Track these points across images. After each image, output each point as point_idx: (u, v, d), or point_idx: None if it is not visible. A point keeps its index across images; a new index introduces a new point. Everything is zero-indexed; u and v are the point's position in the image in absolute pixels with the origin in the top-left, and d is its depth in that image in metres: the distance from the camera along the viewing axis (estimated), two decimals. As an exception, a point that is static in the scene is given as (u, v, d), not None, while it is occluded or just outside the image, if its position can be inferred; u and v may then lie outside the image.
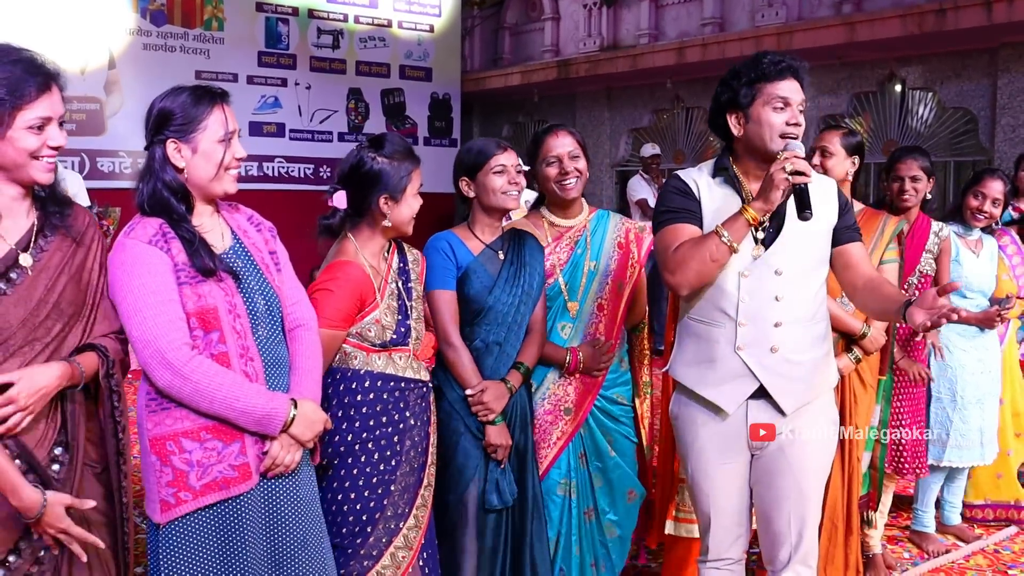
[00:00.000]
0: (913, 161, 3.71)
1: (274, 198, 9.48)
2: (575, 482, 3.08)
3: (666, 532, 3.34)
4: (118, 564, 2.10)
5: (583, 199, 3.14)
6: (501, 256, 2.91)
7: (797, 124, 2.42)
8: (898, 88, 8.63)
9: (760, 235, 2.44)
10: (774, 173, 2.31)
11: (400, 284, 2.63)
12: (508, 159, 2.90)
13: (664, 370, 2.82)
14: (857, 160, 3.43)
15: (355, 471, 2.50)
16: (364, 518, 2.49)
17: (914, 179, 3.71)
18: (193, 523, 2.09)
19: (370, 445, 2.51)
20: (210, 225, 2.21)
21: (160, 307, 2.05)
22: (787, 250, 2.46)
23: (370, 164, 2.52)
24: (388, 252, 2.65)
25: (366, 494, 2.50)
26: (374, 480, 2.51)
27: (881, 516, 3.90)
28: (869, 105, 8.84)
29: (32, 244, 2.00)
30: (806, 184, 2.32)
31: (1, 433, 1.88)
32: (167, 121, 2.12)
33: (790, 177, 2.29)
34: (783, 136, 2.41)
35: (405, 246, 2.73)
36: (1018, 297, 4.21)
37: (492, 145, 2.94)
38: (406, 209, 2.56)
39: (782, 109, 2.41)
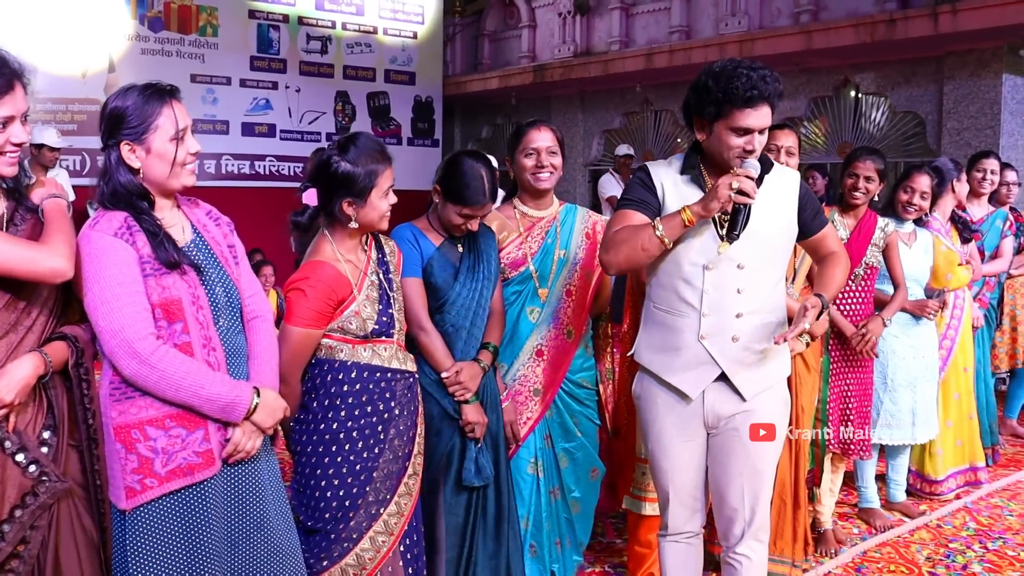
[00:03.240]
0: (871, 162, 3.76)
1: (265, 195, 9.56)
2: (542, 462, 3.05)
3: (623, 507, 3.36)
4: (100, 540, 2.05)
5: (553, 193, 3.12)
6: (459, 247, 2.85)
7: (752, 151, 2.36)
8: (852, 93, 8.71)
9: (724, 230, 2.40)
10: (720, 187, 2.26)
11: (381, 275, 2.55)
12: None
13: (629, 354, 2.80)
14: None
15: (339, 459, 2.43)
16: (347, 503, 2.43)
17: (868, 179, 3.75)
18: (158, 509, 2.03)
19: (355, 434, 2.44)
20: (171, 219, 2.15)
21: (126, 298, 1.98)
22: (749, 246, 2.42)
23: (335, 167, 2.40)
24: (367, 245, 2.57)
25: (349, 480, 2.43)
26: (357, 467, 2.44)
27: (832, 494, 3.94)
28: (825, 109, 8.91)
29: (6, 228, 1.94)
30: (747, 206, 2.29)
31: None
32: (120, 123, 2.05)
33: (734, 196, 2.25)
34: (738, 156, 2.37)
35: (382, 238, 2.67)
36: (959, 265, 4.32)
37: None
38: (372, 211, 2.44)
39: (742, 135, 2.35)
